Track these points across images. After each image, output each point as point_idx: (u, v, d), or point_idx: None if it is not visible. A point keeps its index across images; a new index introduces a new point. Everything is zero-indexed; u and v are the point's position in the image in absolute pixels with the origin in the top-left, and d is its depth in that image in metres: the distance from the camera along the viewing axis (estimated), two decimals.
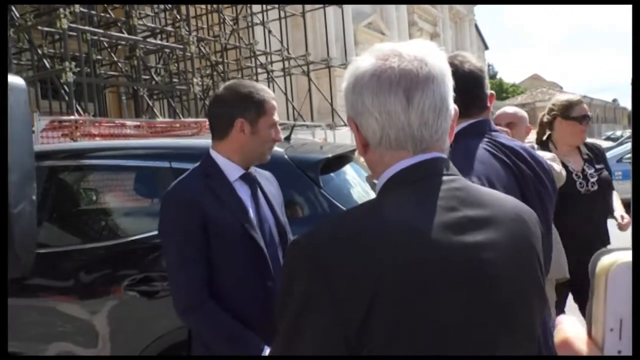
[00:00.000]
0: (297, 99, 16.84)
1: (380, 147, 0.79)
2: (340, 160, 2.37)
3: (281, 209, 1.70)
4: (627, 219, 2.47)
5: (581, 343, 0.35)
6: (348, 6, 20.07)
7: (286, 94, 15.58)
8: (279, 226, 1.64)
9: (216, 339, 1.45)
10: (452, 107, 0.81)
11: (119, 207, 2.58)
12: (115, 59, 14.16)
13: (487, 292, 0.72)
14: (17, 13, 10.10)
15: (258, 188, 1.63)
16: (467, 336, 0.71)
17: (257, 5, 16.24)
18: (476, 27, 40.45)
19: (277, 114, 1.59)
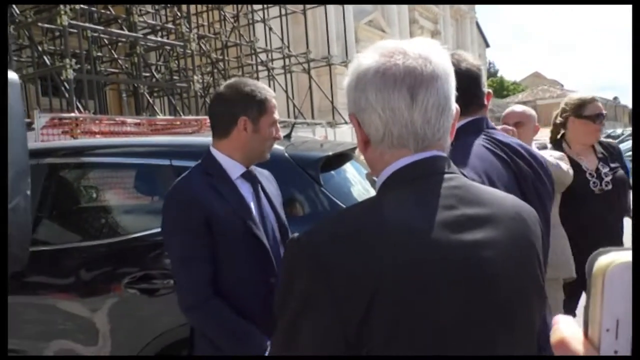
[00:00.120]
0: (298, 96, 16.83)
1: (381, 145, 0.78)
2: (340, 158, 2.37)
3: (280, 207, 1.71)
4: None
5: (577, 343, 0.35)
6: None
7: (287, 92, 15.57)
8: (280, 224, 1.66)
9: (221, 336, 1.45)
10: (454, 106, 0.80)
11: (119, 205, 2.58)
12: (116, 56, 14.16)
13: (486, 290, 0.72)
14: (17, 10, 10.08)
15: (259, 186, 1.64)
16: (466, 335, 0.71)
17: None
18: (477, 24, 40.37)
19: (277, 112, 1.60)
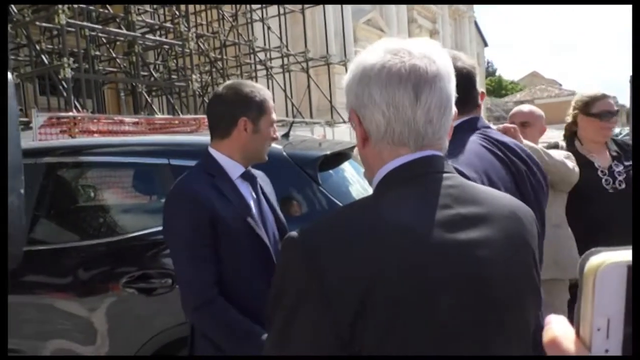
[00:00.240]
0: (296, 95, 16.82)
1: (381, 142, 0.78)
2: (339, 157, 2.37)
3: (277, 206, 1.72)
4: None
5: (569, 343, 0.35)
6: None
7: (285, 91, 15.57)
8: (279, 223, 1.67)
9: (227, 336, 1.44)
10: (454, 107, 0.81)
11: (117, 204, 2.58)
12: (114, 55, 14.14)
13: (481, 289, 0.72)
14: (14, 9, 10.06)
15: (258, 186, 1.64)
16: (461, 334, 0.71)
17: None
18: (476, 24, 40.37)
19: (274, 113, 1.62)
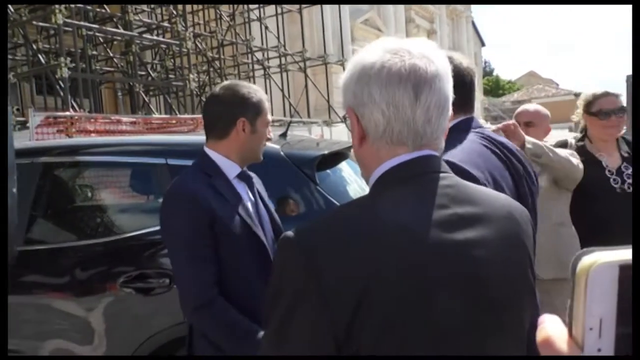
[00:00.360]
0: (294, 95, 16.83)
1: (379, 141, 0.78)
2: (336, 157, 2.37)
3: (272, 207, 1.73)
4: None
5: (562, 342, 0.35)
6: None
7: (283, 91, 15.57)
8: (274, 223, 1.67)
9: (227, 336, 1.44)
10: (451, 107, 0.81)
11: (114, 204, 2.58)
12: (111, 54, 14.11)
13: (477, 289, 0.72)
14: (11, 8, 10.03)
15: (254, 186, 1.65)
16: (457, 334, 0.71)
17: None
18: (473, 24, 40.41)
19: (270, 113, 1.63)
